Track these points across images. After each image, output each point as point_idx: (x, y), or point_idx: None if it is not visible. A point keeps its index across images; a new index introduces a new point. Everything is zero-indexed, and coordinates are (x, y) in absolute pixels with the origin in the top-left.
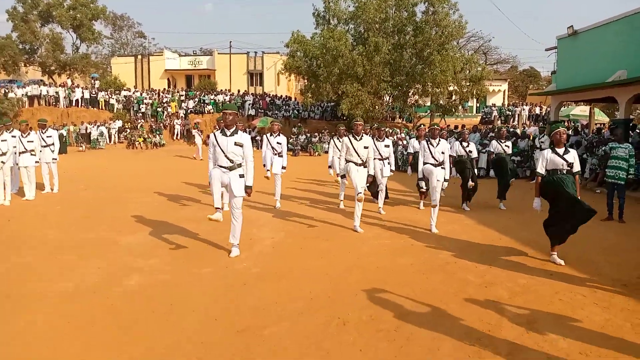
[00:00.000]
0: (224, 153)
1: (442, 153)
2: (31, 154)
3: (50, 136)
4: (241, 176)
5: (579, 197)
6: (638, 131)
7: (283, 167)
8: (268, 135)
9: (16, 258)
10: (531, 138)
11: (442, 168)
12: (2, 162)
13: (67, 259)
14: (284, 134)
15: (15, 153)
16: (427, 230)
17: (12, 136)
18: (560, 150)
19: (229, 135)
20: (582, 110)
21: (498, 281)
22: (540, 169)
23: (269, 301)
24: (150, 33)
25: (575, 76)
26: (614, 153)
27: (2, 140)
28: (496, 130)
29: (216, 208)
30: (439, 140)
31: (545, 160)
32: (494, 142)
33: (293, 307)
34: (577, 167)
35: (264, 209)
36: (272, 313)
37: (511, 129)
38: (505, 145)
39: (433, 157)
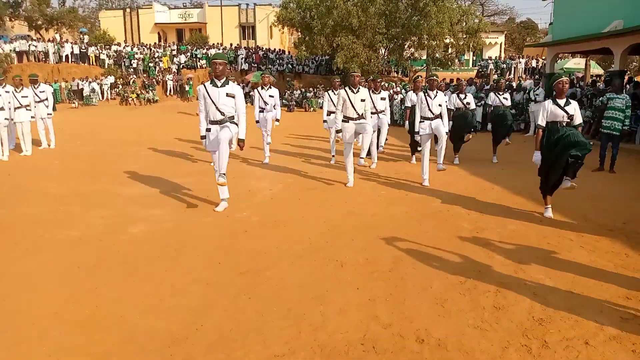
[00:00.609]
0: (215, 105)
1: (440, 105)
2: (26, 109)
3: (44, 91)
4: (233, 126)
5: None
6: (632, 83)
7: (277, 120)
8: (259, 89)
9: (21, 208)
10: (527, 91)
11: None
12: (5, 118)
13: (71, 209)
14: (278, 88)
15: (10, 108)
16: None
17: (6, 91)
18: (562, 102)
19: (220, 86)
20: (576, 63)
21: (489, 227)
22: (541, 120)
23: (270, 246)
24: None
25: (572, 27)
26: (611, 104)
27: None
28: (493, 82)
29: (221, 174)
30: (437, 92)
31: (546, 111)
32: (491, 94)
33: (292, 251)
34: (578, 119)
35: (258, 165)
36: (272, 256)
37: (507, 82)
38: (504, 98)
39: (430, 109)
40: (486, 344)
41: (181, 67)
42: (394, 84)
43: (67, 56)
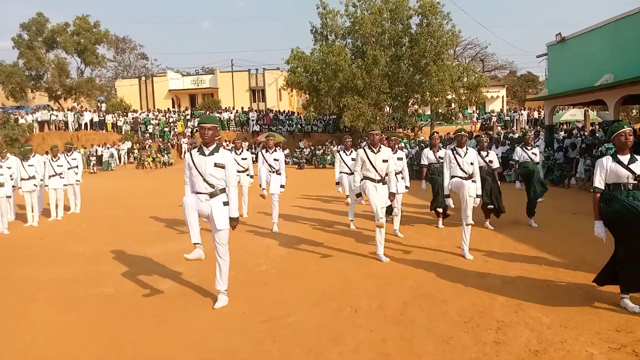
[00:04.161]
0: (202, 176)
1: (471, 164)
2: (60, 177)
3: (75, 159)
4: (225, 204)
5: None
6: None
7: (282, 186)
8: (263, 151)
9: (55, 269)
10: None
11: (472, 181)
12: (34, 185)
13: (102, 268)
14: (289, 147)
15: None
16: (457, 255)
17: (37, 161)
18: (625, 158)
19: (208, 155)
20: (572, 114)
21: (492, 272)
22: (599, 182)
23: (289, 295)
24: (152, 54)
25: (566, 81)
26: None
27: (29, 166)
28: (520, 135)
29: (194, 244)
30: (467, 149)
31: (605, 170)
32: (518, 149)
33: (310, 299)
34: None
35: (263, 234)
36: (292, 304)
37: (510, 134)
38: (532, 153)
39: (461, 168)
40: None
41: (195, 130)
42: (398, 139)
43: (86, 124)
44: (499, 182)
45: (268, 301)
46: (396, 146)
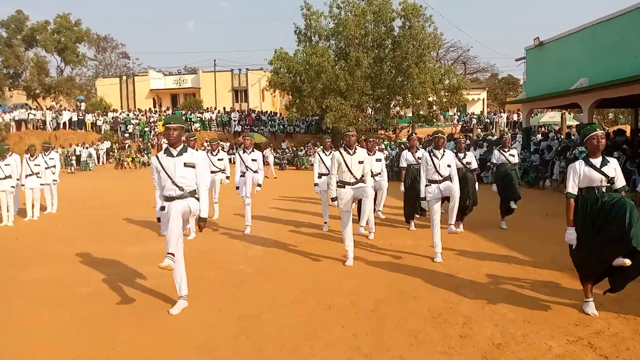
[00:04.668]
0: (171, 179)
1: (449, 166)
2: (37, 177)
3: (53, 158)
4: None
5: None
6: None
7: (259, 185)
8: (241, 152)
9: (32, 268)
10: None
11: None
12: (12, 186)
13: (79, 268)
14: (271, 147)
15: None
16: (432, 256)
17: (14, 160)
18: (597, 161)
19: (176, 155)
20: (550, 116)
21: (463, 270)
22: (572, 187)
23: (265, 294)
24: (134, 53)
25: (543, 84)
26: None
27: (5, 165)
28: (497, 138)
29: (170, 254)
30: (444, 151)
31: (578, 175)
32: (495, 152)
33: (285, 297)
34: (620, 182)
35: (239, 236)
36: (267, 302)
37: (489, 137)
38: (510, 155)
39: (437, 171)
40: None
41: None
42: (378, 140)
43: (64, 123)
44: (477, 182)
45: (244, 299)
46: (375, 147)
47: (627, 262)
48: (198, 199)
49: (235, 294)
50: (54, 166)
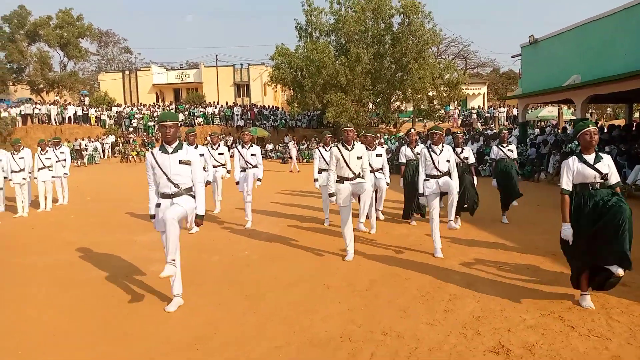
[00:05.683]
0: (166, 176)
1: (447, 161)
2: (49, 170)
3: (63, 152)
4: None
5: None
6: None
7: (259, 180)
8: (239, 146)
9: (52, 255)
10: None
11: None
12: (23, 178)
13: (96, 255)
14: (273, 142)
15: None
16: (425, 241)
17: (26, 154)
18: (590, 158)
19: (172, 152)
20: (549, 111)
21: (453, 255)
22: (566, 184)
23: (268, 276)
24: (136, 48)
25: (538, 80)
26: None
27: (19, 158)
28: (494, 132)
29: (172, 260)
30: (442, 147)
31: (572, 171)
32: (494, 147)
33: (287, 279)
34: (614, 178)
35: (240, 230)
36: (271, 283)
37: (487, 131)
38: (508, 150)
39: (436, 167)
40: (434, 334)
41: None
42: (378, 134)
43: (69, 118)
44: (475, 177)
45: (249, 281)
46: (375, 142)
47: (621, 273)
48: (194, 197)
49: (241, 276)
50: (65, 160)
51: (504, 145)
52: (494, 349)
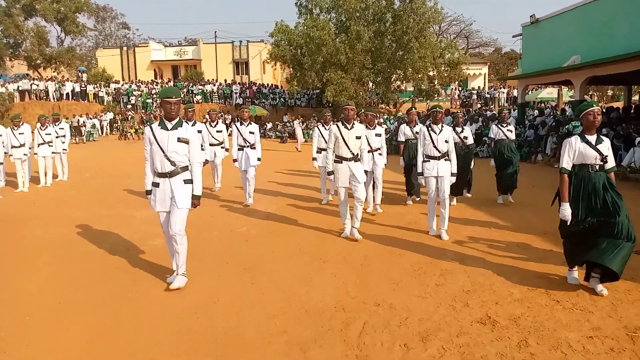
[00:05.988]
0: (163, 153)
1: (446, 142)
2: (49, 145)
3: (62, 128)
4: (186, 182)
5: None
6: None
7: (258, 159)
8: (238, 124)
9: (54, 229)
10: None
11: (446, 160)
12: (24, 154)
13: (97, 229)
14: (272, 121)
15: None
16: (420, 220)
17: (26, 130)
18: (592, 138)
19: (171, 129)
20: (549, 92)
21: (448, 232)
22: (567, 163)
23: (266, 250)
24: (133, 24)
25: (538, 61)
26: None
27: (19, 134)
28: (493, 113)
29: (179, 274)
30: (442, 126)
31: (574, 151)
32: (493, 127)
33: (285, 253)
34: (611, 162)
35: (239, 209)
36: (269, 257)
37: (487, 112)
38: (508, 130)
39: (435, 147)
40: (425, 305)
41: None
42: (377, 114)
43: (67, 94)
44: (472, 158)
45: (248, 254)
46: (375, 121)
47: (605, 293)
48: (187, 181)
49: (241, 250)
50: (64, 136)
51: (504, 125)
52: (481, 320)
